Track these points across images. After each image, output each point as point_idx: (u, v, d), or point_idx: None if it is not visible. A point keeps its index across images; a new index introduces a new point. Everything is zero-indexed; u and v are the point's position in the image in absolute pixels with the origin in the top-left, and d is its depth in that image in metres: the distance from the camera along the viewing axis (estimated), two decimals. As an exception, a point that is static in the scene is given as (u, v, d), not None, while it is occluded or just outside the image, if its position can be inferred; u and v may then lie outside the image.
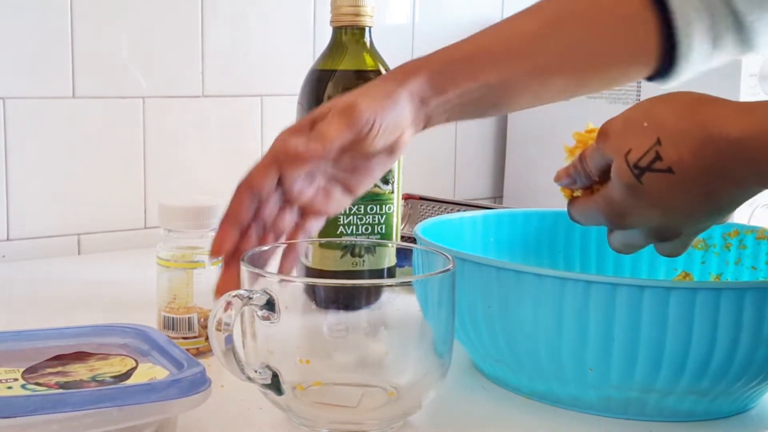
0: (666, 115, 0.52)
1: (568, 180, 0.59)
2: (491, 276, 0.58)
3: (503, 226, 0.76)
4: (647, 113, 0.53)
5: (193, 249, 0.66)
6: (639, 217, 0.54)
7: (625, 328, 0.54)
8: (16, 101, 0.99)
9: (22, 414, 0.45)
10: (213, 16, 1.10)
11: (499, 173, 1.41)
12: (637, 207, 0.53)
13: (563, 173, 0.60)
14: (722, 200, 0.52)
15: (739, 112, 0.50)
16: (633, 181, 0.52)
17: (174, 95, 1.09)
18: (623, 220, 0.55)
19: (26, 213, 1.01)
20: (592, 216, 0.58)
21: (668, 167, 0.51)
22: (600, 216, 0.57)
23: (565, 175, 0.59)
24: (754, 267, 0.70)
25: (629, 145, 0.52)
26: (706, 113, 0.51)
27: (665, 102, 0.54)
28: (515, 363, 0.59)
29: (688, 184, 0.51)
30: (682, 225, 0.54)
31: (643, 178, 0.52)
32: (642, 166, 0.52)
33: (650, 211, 0.53)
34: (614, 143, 0.54)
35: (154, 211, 1.06)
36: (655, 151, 0.51)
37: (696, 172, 0.51)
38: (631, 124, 0.54)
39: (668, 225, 0.54)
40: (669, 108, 0.53)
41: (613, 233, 0.58)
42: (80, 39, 1.01)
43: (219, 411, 0.57)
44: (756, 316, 0.53)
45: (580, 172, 0.58)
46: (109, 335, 0.58)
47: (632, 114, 0.54)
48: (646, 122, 0.53)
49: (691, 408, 0.57)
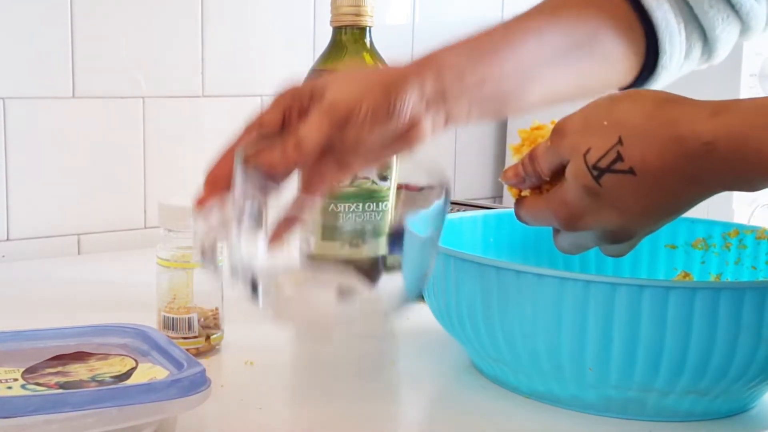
0: (629, 113, 0.50)
1: (517, 179, 0.57)
2: (491, 276, 0.58)
3: (503, 226, 0.76)
4: (608, 111, 0.51)
5: (193, 249, 0.66)
6: (594, 219, 0.52)
7: (625, 327, 0.54)
8: (16, 101, 0.99)
9: (22, 414, 0.45)
10: (213, 16, 1.10)
11: (499, 173, 1.41)
12: (593, 209, 0.52)
13: (511, 172, 0.57)
14: (682, 202, 0.51)
15: (710, 112, 0.48)
16: (591, 183, 0.51)
17: (174, 95, 1.09)
18: (577, 222, 0.53)
19: (26, 213, 1.01)
20: (542, 217, 0.56)
21: (630, 168, 0.49)
22: (552, 217, 0.55)
23: (514, 174, 0.57)
24: (754, 267, 0.70)
25: (588, 144, 0.51)
26: (674, 112, 0.49)
27: (629, 99, 0.52)
28: (515, 363, 0.60)
29: (649, 187, 0.49)
30: (637, 227, 0.53)
31: (602, 180, 0.50)
32: (601, 167, 0.50)
33: (607, 214, 0.52)
34: (571, 142, 0.52)
35: (154, 211, 1.06)
36: (617, 151, 0.49)
37: (659, 173, 0.49)
38: (590, 122, 0.52)
39: (624, 227, 0.52)
40: (633, 106, 0.51)
41: (561, 234, 0.57)
42: (80, 39, 1.01)
43: (219, 411, 0.57)
44: (756, 316, 0.53)
45: (529, 171, 0.56)
46: (109, 335, 0.58)
47: (591, 111, 0.52)
48: (606, 120, 0.51)
49: (691, 408, 0.57)
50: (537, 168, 0.55)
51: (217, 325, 0.68)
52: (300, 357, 0.72)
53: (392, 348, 0.74)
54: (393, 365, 0.68)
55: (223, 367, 0.66)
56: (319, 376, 0.66)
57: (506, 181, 0.58)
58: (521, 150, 0.59)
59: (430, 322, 0.69)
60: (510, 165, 0.59)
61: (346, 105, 0.55)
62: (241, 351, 0.68)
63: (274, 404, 0.60)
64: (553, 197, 0.54)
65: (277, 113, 0.57)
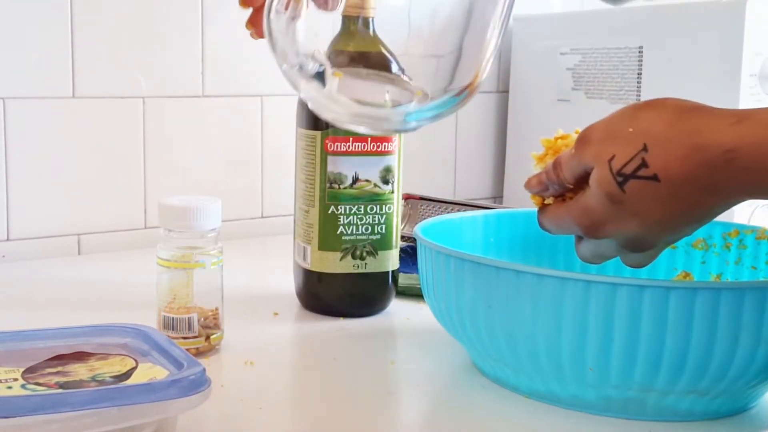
0: (653, 121, 0.51)
1: (540, 187, 0.58)
2: (491, 276, 0.58)
3: (503, 226, 0.76)
4: (632, 119, 0.52)
5: (193, 249, 0.66)
6: (616, 227, 0.53)
7: (625, 327, 0.54)
8: (16, 101, 0.99)
9: (22, 414, 0.45)
10: (213, 16, 1.10)
11: (499, 173, 1.41)
12: (615, 216, 0.52)
13: (534, 180, 0.58)
14: (703, 212, 0.51)
15: (731, 121, 0.49)
16: (615, 190, 0.51)
17: (174, 95, 1.09)
18: (599, 229, 0.54)
19: (26, 213, 1.01)
20: (565, 225, 0.56)
21: (654, 174, 0.50)
22: (574, 225, 0.55)
23: (537, 182, 0.58)
24: (754, 267, 0.70)
25: (612, 151, 0.51)
26: (696, 121, 0.50)
27: (652, 108, 0.52)
28: (515, 363, 0.60)
29: (671, 194, 0.50)
30: (658, 236, 0.53)
31: (626, 186, 0.51)
32: (626, 173, 0.50)
33: (629, 221, 0.52)
34: (595, 150, 0.52)
35: (154, 211, 1.06)
36: (641, 158, 0.50)
37: (681, 181, 0.49)
38: (614, 130, 0.52)
39: (645, 236, 0.53)
40: (656, 114, 0.51)
41: (582, 243, 0.57)
42: (80, 39, 1.01)
43: (219, 411, 0.57)
44: (756, 316, 0.53)
45: (553, 180, 0.56)
46: (109, 335, 0.58)
47: (615, 120, 0.53)
48: (631, 128, 0.51)
49: (691, 408, 0.57)
50: (560, 176, 0.56)
51: (217, 325, 0.68)
52: (300, 357, 0.73)
53: (392, 348, 0.74)
54: (393, 365, 0.68)
55: (223, 367, 0.66)
56: (319, 376, 0.66)
57: (529, 190, 0.59)
58: (544, 159, 0.60)
59: (430, 322, 0.69)
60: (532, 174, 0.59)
61: None
62: (241, 351, 0.68)
63: (274, 404, 0.60)
64: (576, 205, 0.55)
65: None
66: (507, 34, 1.38)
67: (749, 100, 1.04)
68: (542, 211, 0.59)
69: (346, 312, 0.79)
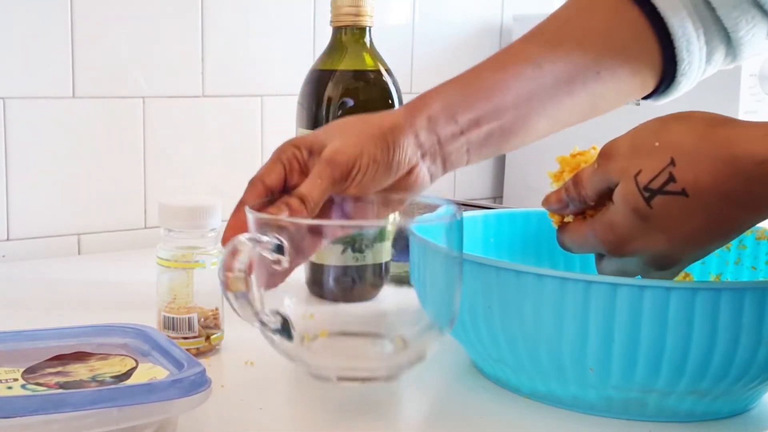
0: (681, 135, 0.50)
1: (560, 205, 0.57)
2: (491, 276, 0.58)
3: (503, 226, 0.76)
4: (659, 133, 0.51)
5: (193, 249, 0.66)
6: (642, 244, 0.52)
7: (626, 328, 0.54)
8: (16, 101, 0.99)
9: (22, 414, 0.45)
10: (213, 16, 1.10)
11: (499, 173, 1.41)
12: (641, 233, 0.51)
13: (554, 198, 0.57)
14: (732, 227, 0.50)
15: (764, 131, 0.47)
16: (641, 205, 0.50)
17: (174, 95, 1.09)
18: (624, 246, 0.52)
19: (26, 213, 1.01)
20: (588, 243, 0.55)
21: (682, 189, 0.48)
22: (598, 242, 0.54)
23: (556, 199, 0.57)
24: (754, 267, 0.70)
25: (639, 166, 0.50)
26: (727, 132, 0.48)
27: (679, 121, 0.51)
28: (515, 363, 0.59)
29: (700, 209, 0.49)
30: (684, 252, 0.52)
31: (653, 202, 0.49)
32: (653, 189, 0.49)
33: (656, 238, 0.51)
34: (620, 165, 0.51)
35: (154, 211, 1.06)
36: (669, 172, 0.49)
37: (712, 195, 0.48)
38: (639, 144, 0.51)
39: (671, 252, 0.52)
40: (684, 127, 0.50)
41: (605, 260, 0.56)
42: (80, 39, 1.01)
43: (219, 411, 0.57)
44: (756, 316, 0.53)
45: (573, 196, 0.55)
46: (109, 335, 0.58)
47: (640, 134, 0.52)
48: (657, 142, 0.50)
49: (691, 408, 0.57)
50: (582, 192, 0.54)
51: (217, 325, 0.68)
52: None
53: (392, 348, 0.74)
54: (393, 365, 0.68)
55: (223, 367, 0.66)
56: (319, 376, 0.66)
57: (548, 207, 0.57)
58: (562, 177, 0.59)
59: (431, 322, 0.69)
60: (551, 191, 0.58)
61: (346, 160, 0.56)
62: (241, 351, 0.68)
63: (274, 404, 0.60)
64: (599, 222, 0.53)
65: (278, 169, 0.58)
66: (507, 33, 1.38)
67: (749, 100, 1.04)
68: (562, 230, 0.57)
69: None
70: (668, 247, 0.51)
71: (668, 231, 0.50)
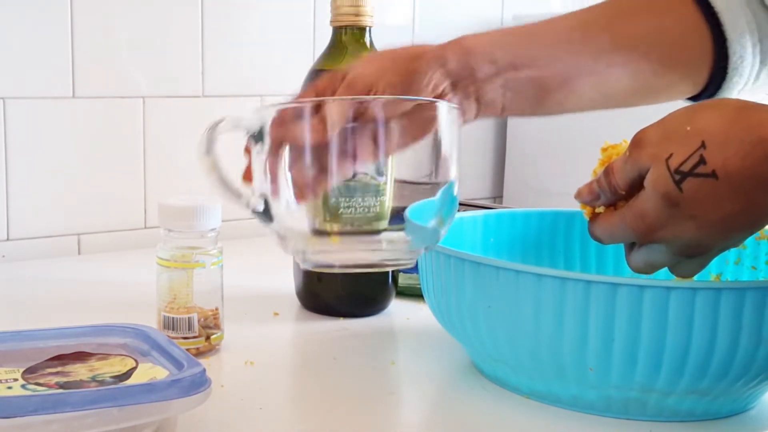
0: (711, 119, 0.50)
1: (591, 196, 0.57)
2: (491, 276, 0.58)
3: (503, 226, 0.76)
4: (690, 118, 0.51)
5: (193, 249, 0.66)
6: (672, 229, 0.52)
7: (626, 328, 0.54)
8: (16, 101, 0.99)
9: (22, 414, 0.45)
10: (213, 16, 1.10)
11: (499, 173, 1.41)
12: (671, 219, 0.51)
13: (585, 189, 0.57)
14: (760, 213, 0.50)
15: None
16: (672, 189, 0.50)
17: (174, 95, 1.09)
18: (654, 234, 0.53)
19: (26, 213, 1.01)
20: (618, 232, 0.55)
21: (712, 171, 0.49)
22: (628, 231, 0.54)
23: (588, 191, 0.57)
24: (754, 267, 0.70)
25: (670, 150, 0.50)
26: (757, 116, 0.49)
27: (709, 107, 0.51)
28: (515, 363, 0.59)
29: (730, 193, 0.49)
30: (713, 240, 0.52)
31: (683, 185, 0.50)
32: (684, 171, 0.49)
33: (686, 224, 0.51)
34: (652, 151, 0.51)
35: (154, 211, 1.06)
36: (699, 155, 0.49)
37: (741, 178, 0.48)
38: (671, 129, 0.51)
39: (700, 240, 0.52)
40: (714, 113, 0.51)
41: (634, 252, 0.56)
42: (80, 39, 1.01)
43: (219, 411, 0.57)
44: (756, 316, 0.53)
45: (604, 187, 0.55)
46: (109, 335, 0.58)
47: (671, 120, 0.52)
48: (689, 126, 0.50)
49: (692, 408, 0.57)
50: (613, 182, 0.55)
51: (217, 325, 0.68)
52: (300, 357, 0.72)
53: (392, 348, 0.74)
54: (393, 365, 0.68)
55: (223, 367, 0.66)
56: (319, 375, 0.66)
57: (580, 199, 0.58)
58: (595, 170, 0.59)
59: (430, 322, 0.69)
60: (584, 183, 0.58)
61: (364, 81, 0.57)
62: (241, 351, 0.68)
63: (274, 404, 0.60)
64: (630, 210, 0.54)
65: (311, 95, 0.59)
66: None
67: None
68: (593, 221, 0.57)
69: (347, 312, 0.79)
70: (697, 235, 0.52)
71: (697, 217, 0.51)
